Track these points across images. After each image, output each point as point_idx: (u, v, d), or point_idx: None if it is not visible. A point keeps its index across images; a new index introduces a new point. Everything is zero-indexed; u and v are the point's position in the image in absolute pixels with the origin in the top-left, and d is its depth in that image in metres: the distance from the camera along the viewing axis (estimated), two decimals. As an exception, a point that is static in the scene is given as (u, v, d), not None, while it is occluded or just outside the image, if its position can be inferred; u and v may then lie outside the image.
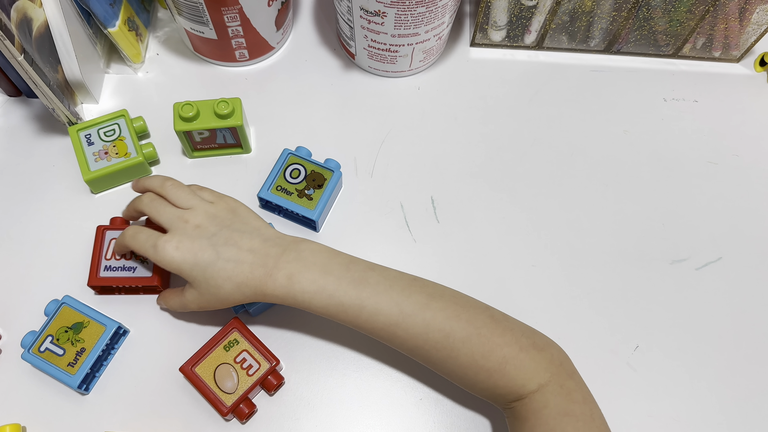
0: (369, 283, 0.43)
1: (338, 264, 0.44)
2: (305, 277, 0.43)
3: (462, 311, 0.43)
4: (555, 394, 0.41)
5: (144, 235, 0.45)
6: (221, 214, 0.46)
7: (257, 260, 0.43)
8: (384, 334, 0.43)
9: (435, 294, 0.44)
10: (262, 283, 0.43)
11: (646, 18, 0.61)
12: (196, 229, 0.44)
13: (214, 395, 0.46)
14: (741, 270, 0.55)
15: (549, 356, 0.42)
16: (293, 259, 0.43)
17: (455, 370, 0.43)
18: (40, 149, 0.58)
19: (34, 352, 0.47)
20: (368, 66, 0.63)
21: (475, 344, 0.42)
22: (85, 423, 0.47)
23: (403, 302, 0.42)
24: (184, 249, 0.43)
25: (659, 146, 0.61)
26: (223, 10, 0.55)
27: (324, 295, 0.43)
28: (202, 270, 0.43)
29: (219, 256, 0.43)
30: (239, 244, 0.44)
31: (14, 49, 0.48)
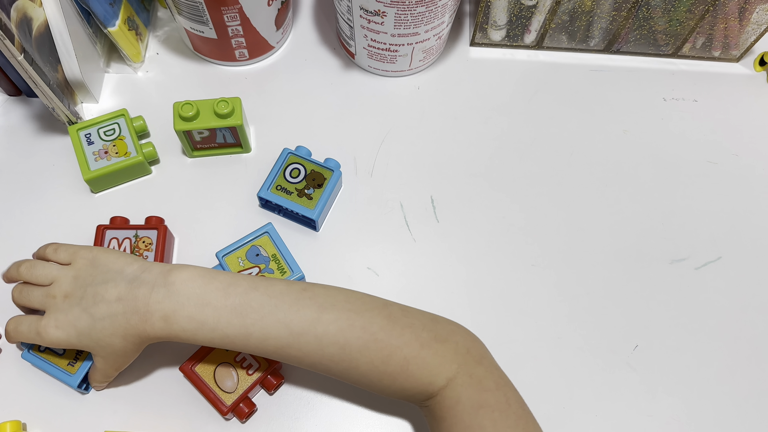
0: (252, 308, 0.40)
1: (215, 290, 0.41)
2: (181, 316, 0.40)
3: (356, 318, 0.41)
4: (465, 386, 0.39)
5: (25, 325, 0.44)
6: (81, 272, 0.44)
7: (128, 308, 0.41)
8: (278, 356, 0.41)
9: (326, 305, 0.41)
10: (141, 330, 0.41)
11: (646, 17, 0.61)
12: (65, 301, 0.43)
13: (214, 394, 0.46)
14: (740, 269, 0.55)
15: (453, 346, 0.41)
16: (164, 297, 0.41)
17: (359, 380, 0.42)
18: (40, 148, 0.58)
19: (35, 351, 0.47)
20: (368, 65, 0.63)
21: (372, 351, 0.40)
22: (85, 421, 0.47)
23: (292, 321, 0.40)
24: (63, 325, 0.42)
25: (659, 146, 0.61)
26: (223, 9, 0.55)
27: (205, 330, 0.40)
28: (87, 337, 0.42)
29: (94, 318, 0.41)
30: (106, 297, 0.41)
31: (14, 49, 0.48)
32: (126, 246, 0.51)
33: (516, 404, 0.40)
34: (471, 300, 0.52)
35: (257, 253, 0.51)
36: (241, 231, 0.53)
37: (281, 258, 0.51)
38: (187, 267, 0.42)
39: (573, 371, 0.50)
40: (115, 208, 0.55)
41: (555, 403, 0.49)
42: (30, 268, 0.45)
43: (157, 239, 0.51)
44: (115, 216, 0.53)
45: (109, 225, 0.52)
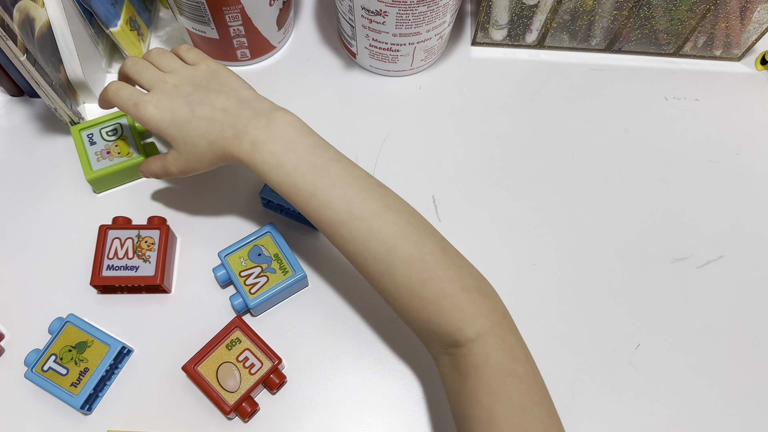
0: (329, 174, 0.42)
1: (305, 144, 0.43)
2: (268, 149, 0.42)
3: (413, 231, 0.41)
4: (497, 348, 0.38)
5: (126, 92, 0.46)
6: (200, 75, 0.47)
7: (228, 120, 0.43)
8: (328, 230, 0.42)
9: (392, 206, 0.42)
10: (230, 144, 0.43)
11: (647, 17, 0.61)
12: (174, 89, 0.45)
13: (217, 394, 0.46)
14: (742, 268, 0.55)
15: (492, 304, 0.40)
16: (262, 127, 0.43)
17: (390, 289, 0.41)
18: (42, 149, 0.58)
19: (38, 371, 0.47)
20: (369, 65, 0.63)
21: (415, 268, 0.40)
22: (89, 419, 0.47)
23: (356, 203, 0.41)
24: (162, 107, 0.44)
25: (660, 145, 0.61)
26: (225, 9, 0.55)
27: (281, 172, 0.42)
28: (179, 127, 0.44)
29: (194, 114, 0.44)
30: (214, 103, 0.44)
31: (17, 49, 0.48)
32: (128, 246, 0.51)
33: (541, 383, 0.39)
34: (473, 299, 0.52)
35: (259, 252, 0.51)
36: (243, 231, 0.53)
37: (283, 258, 0.51)
38: (292, 114, 0.44)
39: (575, 370, 0.50)
40: (117, 208, 0.55)
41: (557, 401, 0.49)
42: (159, 54, 0.48)
43: (160, 239, 0.51)
44: (117, 216, 0.53)
45: (112, 225, 0.52)
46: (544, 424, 0.37)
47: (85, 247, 0.53)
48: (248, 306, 0.49)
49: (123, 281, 0.50)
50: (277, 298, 0.50)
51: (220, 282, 0.51)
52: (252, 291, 0.49)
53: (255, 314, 0.51)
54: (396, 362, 0.50)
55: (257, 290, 0.49)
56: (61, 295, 0.51)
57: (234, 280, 0.50)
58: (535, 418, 0.37)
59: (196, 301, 0.52)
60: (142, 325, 0.51)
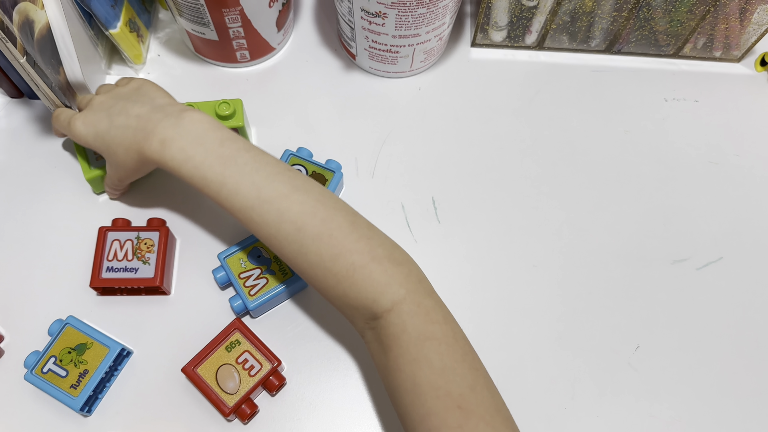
0: (237, 163, 0.43)
1: (213, 138, 0.44)
2: (176, 145, 0.44)
3: (321, 209, 0.42)
4: (412, 314, 0.38)
5: (64, 114, 0.51)
6: (125, 90, 0.50)
7: (140, 124, 0.45)
8: (241, 216, 0.43)
9: (300, 187, 0.43)
10: (141, 146, 0.45)
11: (647, 18, 0.61)
12: (99, 104, 0.49)
13: (216, 396, 0.46)
14: (742, 270, 0.55)
15: (406, 271, 0.40)
16: (171, 126, 0.44)
17: (305, 269, 0.42)
18: (41, 151, 0.58)
19: (37, 373, 0.47)
20: (369, 66, 0.63)
21: (324, 244, 0.40)
22: (88, 421, 0.47)
23: (264, 188, 0.42)
24: (88, 122, 0.48)
25: (660, 146, 0.61)
26: (224, 11, 0.55)
27: (190, 165, 0.43)
28: (101, 139, 0.47)
29: (112, 124, 0.47)
30: (129, 111, 0.46)
31: (16, 51, 0.48)
32: (128, 248, 0.51)
33: (462, 340, 0.39)
34: (473, 301, 0.52)
35: (259, 254, 0.51)
36: (242, 233, 0.53)
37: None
38: (202, 113, 0.45)
39: (574, 371, 0.50)
40: (116, 210, 0.55)
41: (557, 403, 0.49)
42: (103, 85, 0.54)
43: (159, 241, 0.51)
44: (117, 218, 0.53)
45: (112, 227, 0.52)
46: (467, 381, 0.37)
47: (85, 248, 0.53)
48: (248, 308, 0.49)
49: (122, 283, 0.50)
50: (276, 300, 0.50)
51: (220, 284, 0.51)
52: (251, 293, 0.49)
53: (254, 316, 0.51)
54: (395, 364, 0.50)
55: (257, 292, 0.49)
56: (60, 297, 0.51)
57: (233, 281, 0.50)
58: (458, 377, 0.37)
59: (195, 303, 0.52)
60: (141, 326, 0.51)
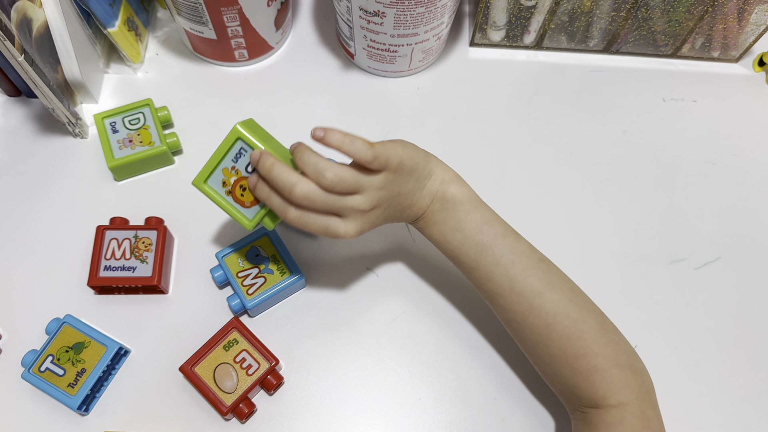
0: (492, 252, 0.44)
1: (473, 222, 0.45)
2: (437, 229, 0.45)
3: (573, 309, 0.43)
4: (634, 416, 0.40)
5: (318, 224, 0.42)
6: (387, 189, 0.43)
7: (406, 203, 0.45)
8: (487, 297, 0.45)
9: (554, 284, 0.44)
10: (403, 218, 0.46)
11: (645, 18, 0.61)
12: (364, 216, 0.43)
13: (214, 395, 0.46)
14: (740, 270, 0.55)
15: (640, 381, 0.42)
16: (437, 210, 0.45)
17: (542, 356, 0.44)
18: (39, 149, 0.58)
19: (35, 371, 0.47)
20: (367, 66, 0.63)
21: (571, 344, 0.42)
22: (85, 419, 0.47)
23: (518, 282, 0.43)
24: (364, 229, 0.43)
25: (658, 146, 0.61)
26: (223, 10, 0.55)
27: (447, 247, 0.45)
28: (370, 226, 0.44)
29: (385, 219, 0.45)
30: (403, 204, 0.44)
31: (14, 50, 0.48)
32: (126, 247, 0.51)
33: None
34: (471, 301, 0.52)
35: (257, 253, 0.51)
36: (240, 232, 0.53)
37: (281, 259, 0.51)
38: (465, 187, 0.46)
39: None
40: (114, 209, 0.55)
41: (556, 403, 0.49)
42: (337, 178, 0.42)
43: (157, 240, 0.51)
44: (114, 216, 0.53)
45: (109, 225, 0.52)
46: None
47: (83, 247, 0.53)
48: (246, 307, 0.49)
49: (120, 282, 0.50)
50: (274, 299, 0.50)
51: (218, 283, 0.51)
52: (249, 292, 0.49)
53: (252, 315, 0.51)
54: (393, 363, 0.50)
55: (255, 291, 0.49)
56: (58, 296, 0.51)
57: (231, 280, 0.50)
58: None
59: (193, 302, 0.52)
60: (139, 325, 0.51)
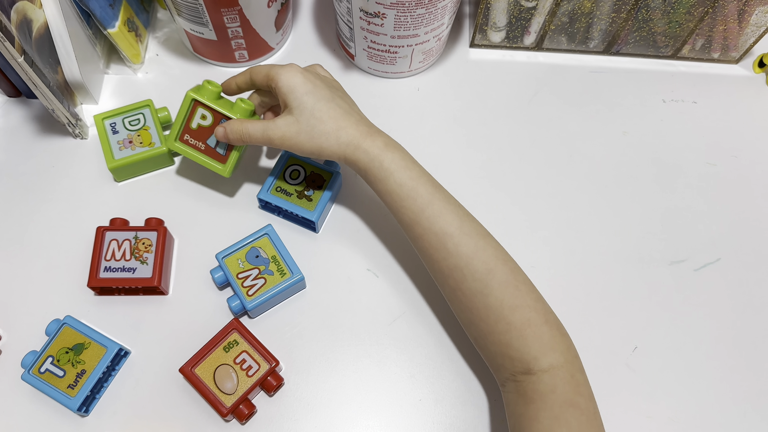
0: (442, 191, 0.46)
1: (420, 167, 0.47)
2: (396, 154, 0.46)
3: (509, 260, 0.44)
4: (565, 381, 0.40)
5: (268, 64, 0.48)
6: (328, 77, 0.51)
7: (363, 121, 0.47)
8: (435, 240, 0.45)
9: (489, 235, 0.45)
10: (361, 137, 0.46)
11: (645, 19, 0.61)
12: (318, 75, 0.49)
13: (214, 396, 0.46)
14: (739, 271, 0.55)
15: (568, 343, 0.43)
16: (387, 139, 0.47)
17: (480, 309, 0.43)
18: (39, 150, 0.58)
19: (34, 373, 0.47)
20: (368, 67, 0.63)
21: (509, 293, 0.42)
22: (85, 421, 0.47)
23: (466, 221, 0.44)
24: (307, 78, 0.47)
25: (658, 147, 0.61)
26: (223, 11, 0.55)
27: (406, 174, 0.45)
28: (315, 100, 0.46)
29: (334, 99, 0.47)
30: (353, 106, 0.48)
31: (14, 51, 0.48)
32: (126, 248, 0.51)
33: (599, 420, 0.41)
34: (470, 301, 0.52)
35: (257, 254, 0.51)
36: (240, 232, 0.53)
37: (281, 259, 0.51)
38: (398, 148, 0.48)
39: (572, 373, 0.50)
40: (114, 210, 0.55)
41: (554, 404, 0.49)
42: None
43: (157, 241, 0.51)
44: (114, 217, 0.53)
45: (109, 226, 0.52)
46: None
47: (83, 248, 0.53)
48: (246, 308, 0.49)
49: (120, 283, 0.50)
50: (274, 300, 0.50)
51: (218, 284, 0.51)
52: (249, 293, 0.49)
53: (252, 316, 0.51)
54: (393, 364, 0.50)
55: (255, 292, 0.49)
56: (58, 297, 0.51)
57: (231, 282, 0.50)
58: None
59: (193, 303, 0.51)
60: (139, 327, 0.51)
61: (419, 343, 0.51)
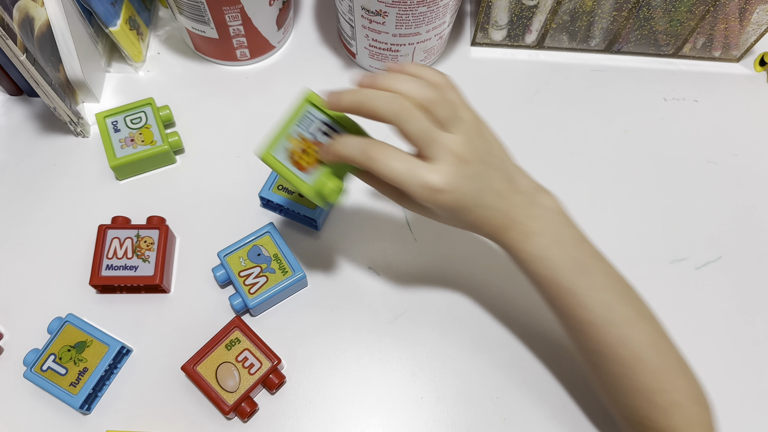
0: (589, 273, 0.41)
1: (570, 237, 0.42)
2: (537, 241, 0.41)
3: (660, 341, 0.41)
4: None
5: (401, 162, 0.37)
6: (478, 142, 0.40)
7: (503, 207, 0.41)
8: (577, 326, 0.42)
9: (644, 313, 0.42)
10: (500, 232, 0.41)
11: (647, 18, 0.61)
12: (462, 165, 0.38)
13: (216, 394, 0.46)
14: (741, 269, 0.55)
15: (712, 417, 0.41)
16: (533, 217, 0.41)
17: (622, 387, 0.41)
18: (41, 148, 0.58)
19: (37, 371, 0.47)
20: (369, 65, 0.63)
21: (658, 379, 0.40)
22: (87, 419, 0.47)
23: (613, 310, 0.41)
24: (452, 187, 0.38)
25: (659, 146, 0.61)
26: (225, 9, 0.55)
27: (544, 265, 0.41)
28: (455, 212, 0.40)
29: (477, 204, 0.40)
30: (493, 186, 0.40)
31: (16, 49, 0.48)
32: (128, 246, 0.51)
33: None
34: (472, 300, 0.52)
35: (258, 252, 0.51)
36: (242, 231, 0.53)
37: (282, 258, 0.51)
38: (555, 199, 0.43)
39: (573, 371, 0.50)
40: (116, 208, 0.55)
41: (556, 402, 0.49)
42: (428, 88, 0.39)
43: (159, 239, 0.51)
44: (116, 216, 0.53)
45: (111, 224, 0.52)
46: None
47: (85, 246, 0.53)
48: (247, 306, 0.49)
49: (122, 281, 0.50)
50: (276, 298, 0.50)
51: (220, 282, 0.51)
52: (251, 291, 0.49)
53: (254, 314, 0.51)
54: (395, 362, 0.50)
55: (257, 290, 0.49)
56: (60, 295, 0.51)
57: (233, 280, 0.50)
58: None
59: (195, 301, 0.52)
60: (141, 324, 0.51)
61: (421, 341, 0.51)
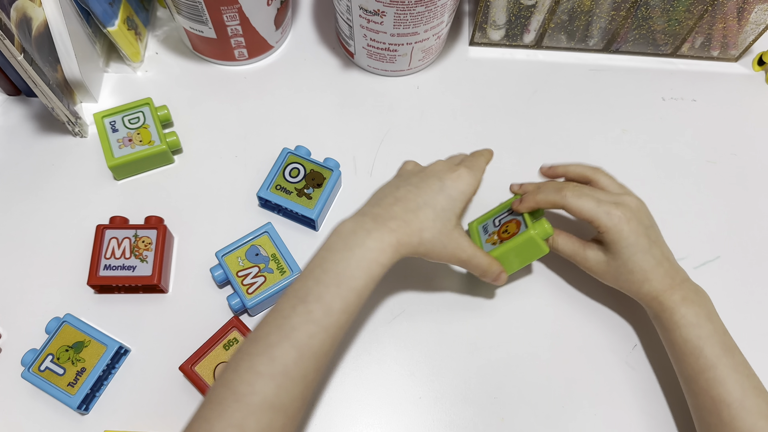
0: (734, 356, 0.44)
1: (720, 321, 0.46)
2: (690, 310, 0.45)
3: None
4: None
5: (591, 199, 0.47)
6: (644, 218, 0.48)
7: (669, 271, 0.47)
8: (710, 405, 0.43)
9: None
10: (661, 290, 0.46)
11: (645, 17, 0.61)
12: (638, 212, 0.47)
13: (214, 394, 0.46)
14: (739, 269, 0.55)
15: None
16: (693, 291, 0.46)
17: None
18: (39, 148, 0.58)
19: (34, 371, 0.47)
20: (367, 65, 0.63)
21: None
22: (85, 419, 0.47)
23: (750, 396, 0.42)
24: (632, 230, 0.46)
25: (658, 145, 0.61)
26: (223, 9, 0.55)
27: (695, 332, 0.45)
28: (632, 252, 0.46)
29: (650, 248, 0.46)
30: (662, 247, 0.48)
31: (14, 49, 0.48)
32: (126, 246, 0.51)
33: None
34: (471, 299, 0.52)
35: (257, 252, 0.51)
36: (240, 231, 0.53)
37: (281, 257, 0.51)
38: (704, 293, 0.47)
39: (572, 370, 0.50)
40: (114, 208, 0.55)
41: (555, 402, 0.49)
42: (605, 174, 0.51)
43: (157, 239, 0.51)
44: (114, 215, 0.53)
45: (109, 225, 0.52)
46: None
47: (82, 246, 0.53)
48: (245, 306, 0.49)
49: (120, 281, 0.50)
50: (274, 298, 0.50)
51: (218, 282, 0.51)
52: (249, 291, 0.49)
53: (252, 314, 0.51)
54: (393, 362, 0.50)
55: (255, 290, 0.49)
56: (58, 295, 0.51)
57: (231, 279, 0.50)
58: None
59: (193, 301, 0.52)
60: (139, 325, 0.51)
61: (419, 341, 0.51)
